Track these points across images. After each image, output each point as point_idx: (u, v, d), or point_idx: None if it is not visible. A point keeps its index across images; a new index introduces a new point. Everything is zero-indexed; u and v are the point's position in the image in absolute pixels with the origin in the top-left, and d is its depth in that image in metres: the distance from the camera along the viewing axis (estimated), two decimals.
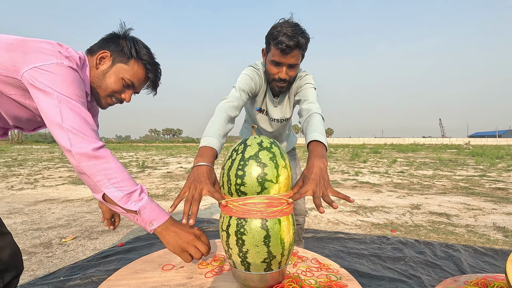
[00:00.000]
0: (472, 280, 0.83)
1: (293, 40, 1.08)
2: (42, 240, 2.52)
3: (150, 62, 0.92)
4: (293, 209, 1.77)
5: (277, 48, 1.11)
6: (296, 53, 1.12)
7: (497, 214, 3.35)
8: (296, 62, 1.15)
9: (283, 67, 1.15)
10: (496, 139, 57.25)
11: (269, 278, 0.77)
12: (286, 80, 1.20)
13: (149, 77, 0.94)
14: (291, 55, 1.12)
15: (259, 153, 0.77)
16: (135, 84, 0.91)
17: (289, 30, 1.08)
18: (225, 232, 0.77)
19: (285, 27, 1.09)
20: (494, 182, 5.72)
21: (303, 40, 1.10)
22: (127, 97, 0.92)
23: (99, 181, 0.72)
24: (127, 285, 0.80)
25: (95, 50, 0.89)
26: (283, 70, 1.16)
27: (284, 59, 1.13)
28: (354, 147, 27.85)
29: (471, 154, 15.49)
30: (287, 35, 1.08)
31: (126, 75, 0.88)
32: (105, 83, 0.87)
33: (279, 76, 1.18)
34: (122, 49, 0.88)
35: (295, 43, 1.08)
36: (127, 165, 9.41)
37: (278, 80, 1.20)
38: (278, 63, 1.15)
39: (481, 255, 2.18)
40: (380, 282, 1.78)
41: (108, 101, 0.92)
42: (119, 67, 0.88)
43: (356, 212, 3.48)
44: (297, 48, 1.11)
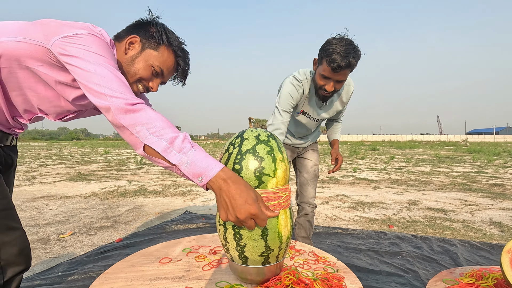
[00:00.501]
0: (468, 272, 0.84)
1: (345, 61, 1.13)
2: (40, 236, 2.51)
3: (180, 49, 0.90)
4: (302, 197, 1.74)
5: (329, 66, 1.17)
6: (346, 72, 1.19)
7: (494, 210, 3.37)
8: (344, 79, 1.23)
9: (331, 82, 1.23)
10: (494, 136, 57.56)
11: (266, 271, 0.77)
12: (331, 92, 1.29)
13: (179, 64, 0.91)
14: (341, 74, 1.19)
15: (256, 146, 0.77)
16: (164, 72, 0.88)
17: (342, 49, 1.13)
18: (222, 226, 0.77)
19: (339, 45, 1.15)
20: (491, 178, 5.76)
21: (354, 61, 1.16)
22: (155, 85, 0.89)
23: (138, 132, 0.67)
24: (124, 278, 0.80)
25: (123, 36, 0.85)
26: (331, 84, 1.24)
27: (334, 76, 1.20)
28: (353, 144, 27.92)
29: (469, 151, 15.57)
30: (340, 55, 1.13)
31: (156, 62, 0.86)
32: (134, 69, 0.84)
33: (326, 88, 1.26)
34: (152, 34, 0.85)
35: (347, 64, 1.14)
36: (125, 161, 9.39)
37: (324, 91, 1.29)
38: (327, 78, 1.23)
39: (477, 250, 2.20)
40: (377, 276, 1.80)
41: (135, 89, 0.88)
42: (149, 53, 0.85)
43: (354, 208, 3.50)
44: (348, 68, 1.18)
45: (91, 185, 5.03)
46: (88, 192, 4.37)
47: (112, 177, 5.93)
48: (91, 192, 4.41)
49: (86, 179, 5.70)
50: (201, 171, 0.65)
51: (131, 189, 4.58)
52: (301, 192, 1.77)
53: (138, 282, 0.77)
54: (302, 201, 1.76)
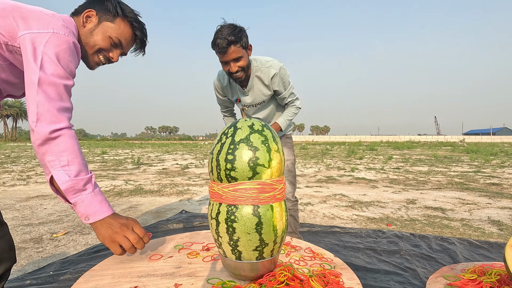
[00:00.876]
0: (469, 268, 0.81)
1: (224, 41, 1.27)
2: (33, 235, 2.47)
3: (136, 20, 0.93)
4: None
5: (217, 51, 1.32)
6: (233, 49, 1.29)
7: (492, 208, 3.36)
8: (237, 55, 1.32)
9: (230, 63, 1.34)
10: (491, 136, 57.82)
11: (260, 267, 0.74)
12: (238, 71, 1.37)
13: (136, 34, 0.94)
14: (229, 53, 1.30)
15: (250, 136, 0.74)
16: (122, 43, 0.92)
17: (219, 34, 1.28)
18: (215, 220, 0.74)
19: (217, 32, 1.30)
20: (488, 177, 5.76)
21: (233, 37, 1.27)
22: (115, 56, 0.92)
23: (50, 162, 0.70)
24: (111, 275, 0.76)
25: (81, 11, 0.89)
26: (231, 66, 1.35)
27: (225, 57, 1.32)
28: (351, 145, 27.95)
29: (466, 151, 15.61)
30: (220, 38, 1.27)
31: (113, 33, 0.89)
32: (93, 40, 0.87)
33: (230, 71, 1.36)
34: (107, 7, 0.89)
35: (227, 42, 1.27)
36: (122, 161, 9.33)
37: (231, 75, 1.39)
38: (224, 62, 1.35)
39: (476, 248, 2.17)
40: (375, 275, 1.77)
41: (96, 60, 0.91)
42: (106, 25, 0.88)
43: (351, 207, 3.47)
44: (231, 44, 1.28)
45: None
46: None
47: (108, 177, 5.88)
48: None
49: None
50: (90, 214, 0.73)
51: (127, 189, 4.53)
52: None
53: (125, 279, 0.74)
54: None
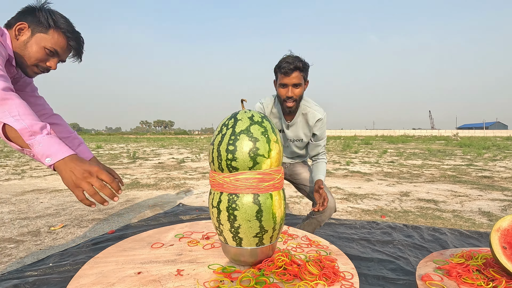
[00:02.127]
0: (458, 253, 0.85)
1: (292, 64, 1.39)
2: (30, 228, 2.47)
3: (69, 30, 0.95)
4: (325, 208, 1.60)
5: (281, 72, 1.42)
6: (296, 75, 1.41)
7: (483, 200, 3.44)
8: (299, 82, 1.43)
9: (289, 87, 1.44)
10: (483, 130, 58.60)
11: (259, 252, 0.77)
12: (293, 98, 1.47)
13: (70, 45, 0.96)
14: (292, 76, 1.41)
15: (251, 127, 0.76)
16: (58, 52, 0.94)
17: (289, 59, 1.42)
18: (216, 208, 0.76)
19: (287, 58, 1.43)
20: (480, 171, 5.87)
21: (300, 63, 1.40)
22: (53, 64, 0.94)
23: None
24: (115, 262, 0.79)
25: (13, 23, 0.91)
26: (289, 89, 1.45)
27: (288, 79, 1.42)
28: (346, 139, 28.12)
29: (459, 145, 15.83)
30: (287, 62, 1.41)
31: (48, 44, 0.91)
32: (28, 53, 0.90)
33: (287, 95, 1.46)
34: (39, 19, 0.91)
35: (295, 66, 1.40)
36: (117, 156, 9.28)
37: (287, 99, 1.48)
38: (284, 85, 1.45)
39: (466, 238, 2.24)
40: (369, 263, 1.82)
41: (35, 70, 0.94)
42: (39, 36, 0.91)
43: (346, 199, 3.53)
44: (297, 70, 1.40)
45: None
46: None
47: None
48: None
49: None
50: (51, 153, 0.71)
51: (124, 183, 4.53)
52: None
53: (129, 266, 0.76)
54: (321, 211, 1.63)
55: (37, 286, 1.54)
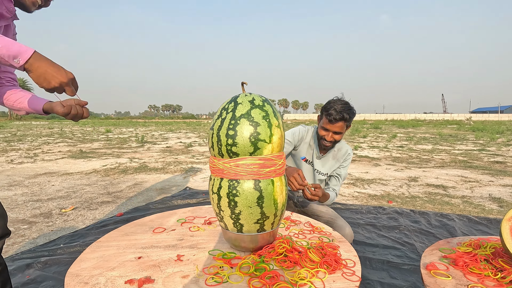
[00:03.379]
0: (465, 242, 0.82)
1: (339, 115, 1.40)
2: (42, 210, 2.55)
3: None
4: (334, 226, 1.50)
5: (327, 118, 1.44)
6: (340, 124, 1.44)
7: (494, 186, 3.37)
8: (340, 131, 1.46)
9: (330, 133, 1.48)
10: (498, 114, 56.83)
11: (260, 239, 0.76)
12: (331, 141, 1.51)
13: None
14: (336, 125, 1.43)
15: (251, 111, 0.73)
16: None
17: (338, 106, 1.42)
18: (216, 194, 0.75)
19: (336, 103, 1.43)
20: (492, 156, 5.73)
21: (347, 116, 1.41)
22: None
23: None
24: (116, 246, 0.79)
25: None
26: (329, 135, 1.48)
27: (331, 126, 1.45)
28: (355, 123, 27.73)
29: (472, 129, 15.43)
30: (336, 110, 1.41)
31: None
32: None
33: (325, 138, 1.49)
34: None
35: (341, 117, 1.41)
36: (126, 140, 9.40)
37: (324, 140, 1.52)
38: (326, 129, 1.48)
39: (475, 224, 2.21)
40: (374, 249, 1.82)
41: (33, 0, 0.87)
42: None
43: (353, 184, 3.50)
44: (342, 121, 1.42)
45: (93, 162, 5.06)
46: (90, 169, 4.40)
47: (113, 155, 5.95)
48: (93, 169, 4.44)
49: (87, 156, 5.73)
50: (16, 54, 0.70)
51: (132, 166, 4.60)
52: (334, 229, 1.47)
53: (130, 250, 0.77)
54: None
55: (49, 266, 1.60)
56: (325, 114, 1.46)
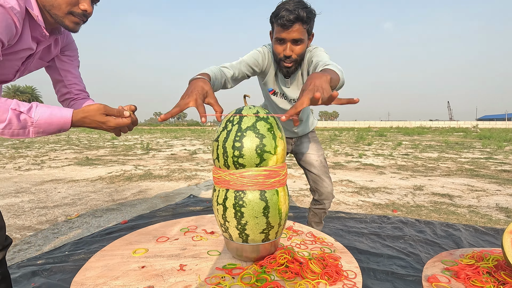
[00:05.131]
0: (468, 254, 0.82)
1: (293, 13, 1.07)
2: (48, 217, 2.58)
3: None
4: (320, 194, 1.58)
5: (278, 24, 1.11)
6: (298, 27, 1.10)
7: (501, 195, 3.32)
8: (299, 37, 1.13)
9: (287, 44, 1.14)
10: (506, 122, 56.17)
11: (262, 249, 0.77)
12: (292, 58, 1.17)
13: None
14: (292, 29, 1.10)
15: (257, 123, 0.75)
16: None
17: (290, 5, 1.09)
18: (222, 205, 0.76)
19: (287, 3, 1.11)
20: (500, 164, 5.65)
21: (303, 13, 1.08)
22: (87, 6, 0.84)
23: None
24: (120, 255, 0.80)
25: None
26: (287, 46, 1.14)
27: (286, 33, 1.11)
28: (360, 130, 27.62)
29: (479, 137, 15.25)
30: (287, 9, 1.08)
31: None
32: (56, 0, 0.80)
33: (284, 53, 1.16)
34: None
35: (295, 16, 1.08)
36: (131, 147, 9.49)
37: (284, 59, 1.18)
38: (281, 40, 1.14)
39: (481, 234, 2.18)
40: (378, 259, 1.80)
41: (72, 19, 0.84)
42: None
43: (358, 192, 3.48)
44: (299, 21, 1.09)
45: (98, 169, 5.11)
46: (95, 176, 4.44)
47: (118, 162, 6.01)
48: (98, 176, 4.48)
49: (93, 163, 5.80)
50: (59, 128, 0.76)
51: (137, 174, 4.64)
52: (317, 188, 1.60)
53: (133, 259, 0.78)
54: (321, 198, 1.60)
55: (54, 273, 1.61)
56: (275, 20, 1.13)
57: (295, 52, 1.16)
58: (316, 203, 1.65)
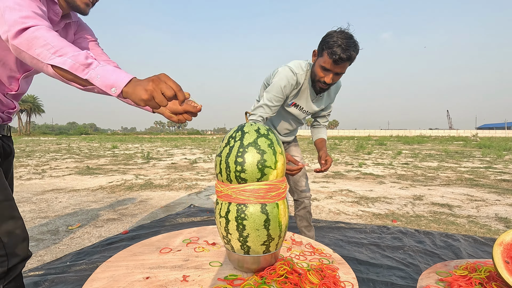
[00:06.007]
0: (462, 265, 0.84)
1: (346, 53, 1.17)
2: (50, 227, 2.59)
3: None
4: (299, 193, 1.73)
5: (330, 58, 1.20)
6: (345, 65, 1.23)
7: (500, 205, 3.33)
8: (343, 72, 1.27)
9: (331, 74, 1.26)
10: (505, 131, 56.29)
11: (262, 260, 0.80)
12: (329, 85, 1.32)
13: None
14: (341, 66, 1.23)
15: (258, 140, 0.79)
16: None
17: (344, 42, 1.17)
18: (224, 218, 0.79)
19: (340, 38, 1.18)
20: (499, 173, 5.67)
21: (354, 54, 1.20)
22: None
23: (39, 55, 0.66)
24: (125, 266, 0.83)
25: None
26: (330, 77, 1.26)
27: (333, 67, 1.23)
28: (359, 139, 27.69)
29: (478, 146, 15.29)
30: (342, 48, 1.17)
31: None
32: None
33: (325, 80, 1.28)
34: None
35: (348, 57, 1.18)
36: (132, 156, 9.52)
37: (323, 83, 1.31)
38: (327, 69, 1.26)
39: (480, 245, 2.19)
40: (378, 269, 1.81)
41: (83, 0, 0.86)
42: None
43: (357, 202, 3.50)
44: (348, 61, 1.22)
45: (99, 178, 5.13)
46: (96, 186, 4.46)
47: (119, 171, 6.03)
48: (99, 185, 4.50)
49: (94, 173, 5.82)
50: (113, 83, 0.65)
51: (138, 183, 4.66)
52: (297, 188, 1.77)
53: (138, 270, 0.81)
54: (300, 196, 1.77)
55: (55, 284, 1.63)
56: (328, 52, 1.20)
57: (334, 81, 1.29)
58: (297, 204, 1.79)
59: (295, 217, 1.83)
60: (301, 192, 1.77)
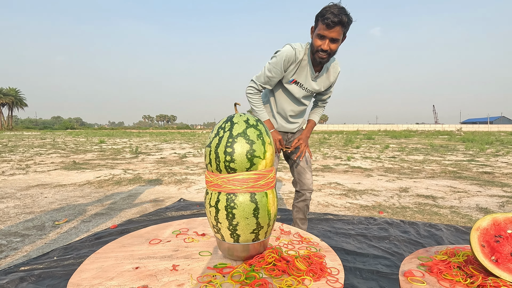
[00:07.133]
0: (442, 250, 0.88)
1: (337, 17, 1.30)
2: (35, 223, 2.54)
3: None
4: (302, 185, 1.78)
5: (323, 23, 1.34)
6: (338, 29, 1.34)
7: (481, 196, 3.46)
8: (337, 37, 1.37)
9: (326, 40, 1.37)
10: (488, 125, 58.14)
11: (251, 248, 0.81)
12: (327, 52, 1.41)
13: None
14: (334, 30, 1.34)
15: (247, 130, 0.79)
16: None
17: (335, 10, 1.32)
18: (214, 207, 0.80)
19: (332, 7, 1.33)
20: (481, 166, 5.87)
21: (345, 18, 1.32)
22: None
23: None
24: (114, 257, 0.83)
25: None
26: (326, 43, 1.38)
27: (328, 32, 1.35)
28: (348, 133, 28.05)
29: (462, 140, 15.75)
30: (333, 13, 1.31)
31: None
32: None
33: (322, 47, 1.39)
34: None
35: (339, 20, 1.31)
36: (120, 151, 9.37)
37: (321, 51, 1.42)
38: (322, 36, 1.38)
39: (462, 234, 2.28)
40: (364, 259, 1.86)
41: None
42: None
43: (345, 195, 3.56)
44: (340, 25, 1.33)
45: (86, 173, 5.04)
46: (83, 181, 4.38)
47: (107, 166, 5.93)
48: (86, 180, 4.42)
49: (81, 168, 5.70)
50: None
51: (126, 178, 4.60)
52: (300, 180, 1.80)
53: (127, 261, 0.81)
54: (302, 188, 1.79)
55: (42, 279, 1.60)
56: (321, 19, 1.36)
57: (331, 48, 1.40)
58: (298, 195, 1.82)
59: (292, 207, 1.86)
60: (303, 184, 1.80)
